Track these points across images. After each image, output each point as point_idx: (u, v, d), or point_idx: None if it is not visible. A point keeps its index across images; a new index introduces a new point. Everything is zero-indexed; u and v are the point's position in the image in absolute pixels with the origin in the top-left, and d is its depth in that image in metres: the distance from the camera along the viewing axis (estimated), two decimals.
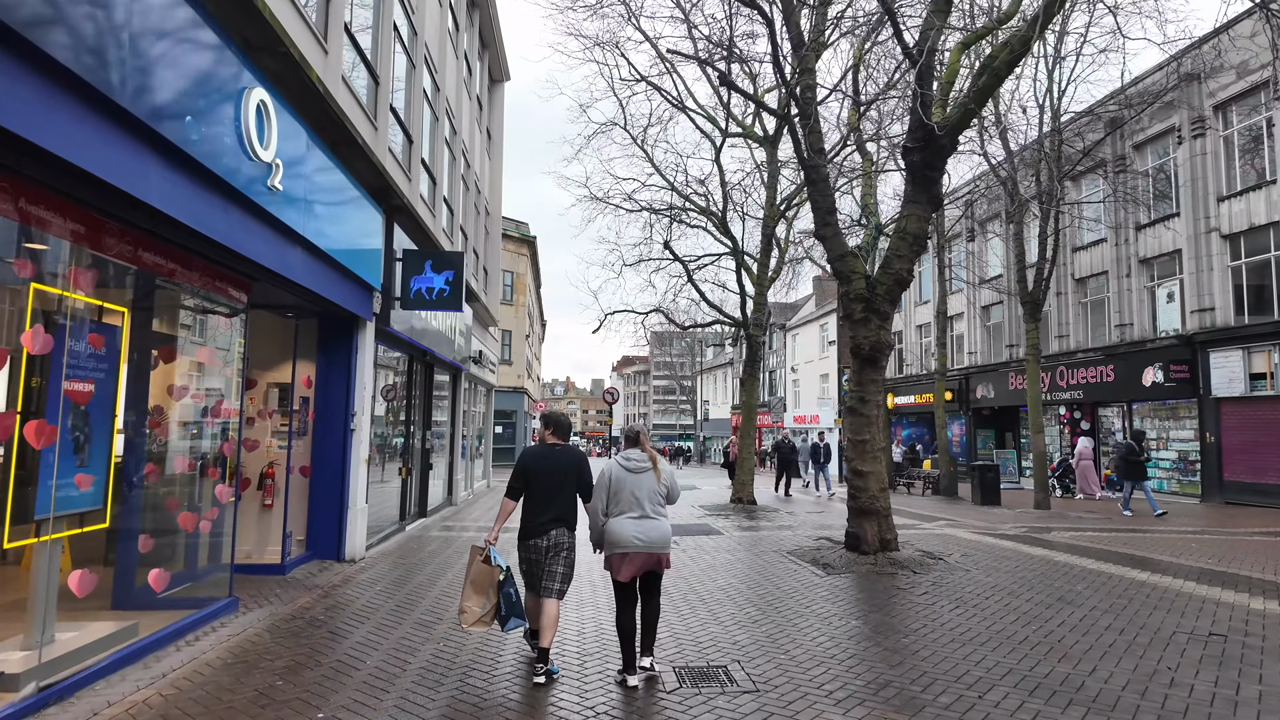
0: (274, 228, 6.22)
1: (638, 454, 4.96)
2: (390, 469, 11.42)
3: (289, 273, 6.58)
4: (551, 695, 4.57)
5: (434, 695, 4.54)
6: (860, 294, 8.99)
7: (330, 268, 7.72)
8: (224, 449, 6.28)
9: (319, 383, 8.87)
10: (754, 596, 7.38)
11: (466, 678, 4.88)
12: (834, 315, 40.26)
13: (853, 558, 8.91)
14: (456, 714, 4.22)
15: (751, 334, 16.51)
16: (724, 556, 9.76)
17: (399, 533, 11.38)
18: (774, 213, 16.12)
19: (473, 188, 17.41)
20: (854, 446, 9.20)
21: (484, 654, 5.46)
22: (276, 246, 6.30)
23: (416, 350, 12.12)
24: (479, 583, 4.92)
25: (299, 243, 6.78)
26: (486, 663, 5.22)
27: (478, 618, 4.88)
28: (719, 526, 13.03)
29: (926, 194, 8.64)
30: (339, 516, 8.80)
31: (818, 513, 15.52)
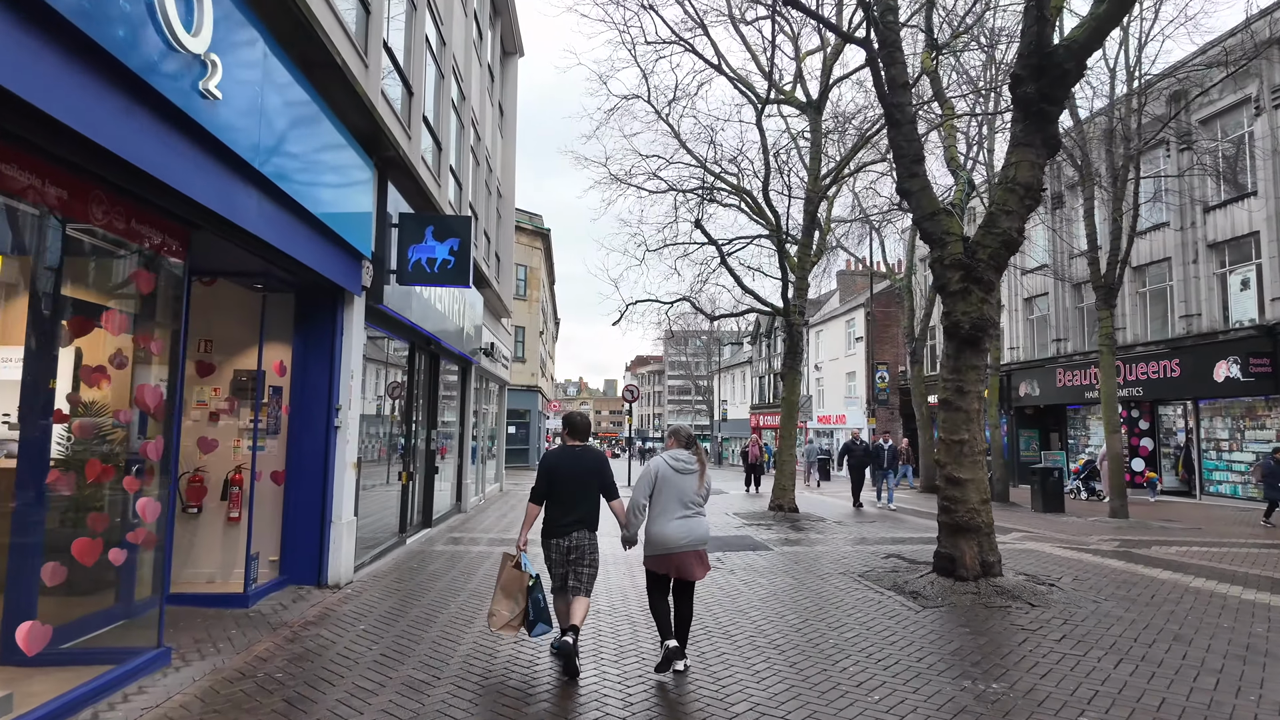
0: (212, 152, 4.65)
1: (686, 455, 5.00)
2: (389, 473, 9.84)
3: (239, 217, 5.00)
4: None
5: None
6: (957, 260, 7.32)
7: (301, 221, 6.14)
8: (146, 451, 4.70)
9: (295, 370, 7.30)
10: (840, 641, 5.73)
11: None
12: (861, 311, 38.40)
13: (948, 585, 7.24)
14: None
15: (793, 322, 14.84)
16: (783, 580, 8.11)
17: (398, 547, 9.81)
18: (818, 188, 14.45)
19: (483, 164, 15.85)
20: (948, 449, 7.51)
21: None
22: (218, 180, 4.73)
23: (419, 337, 10.55)
24: (509, 588, 5.03)
25: (253, 180, 5.21)
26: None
27: (506, 621, 4.98)
28: (763, 539, 11.37)
29: (1041, 134, 6.98)
30: (319, 532, 7.23)
31: (871, 524, 13.81)
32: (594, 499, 5.07)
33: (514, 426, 34.89)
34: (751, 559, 9.52)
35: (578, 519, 4.99)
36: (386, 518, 9.71)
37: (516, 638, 5.61)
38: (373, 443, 9.27)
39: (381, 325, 8.75)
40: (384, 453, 9.78)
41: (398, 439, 10.14)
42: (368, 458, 9.03)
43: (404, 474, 10.20)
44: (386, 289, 8.14)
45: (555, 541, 5.00)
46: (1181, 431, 22.11)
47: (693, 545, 4.85)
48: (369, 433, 9.00)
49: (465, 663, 5.11)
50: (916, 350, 23.28)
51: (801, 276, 14.84)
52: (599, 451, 5.37)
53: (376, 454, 9.45)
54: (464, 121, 13.50)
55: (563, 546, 4.97)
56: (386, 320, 8.74)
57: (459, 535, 11.51)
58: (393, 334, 9.39)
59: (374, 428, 9.27)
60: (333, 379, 7.35)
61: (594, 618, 6.44)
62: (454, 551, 9.88)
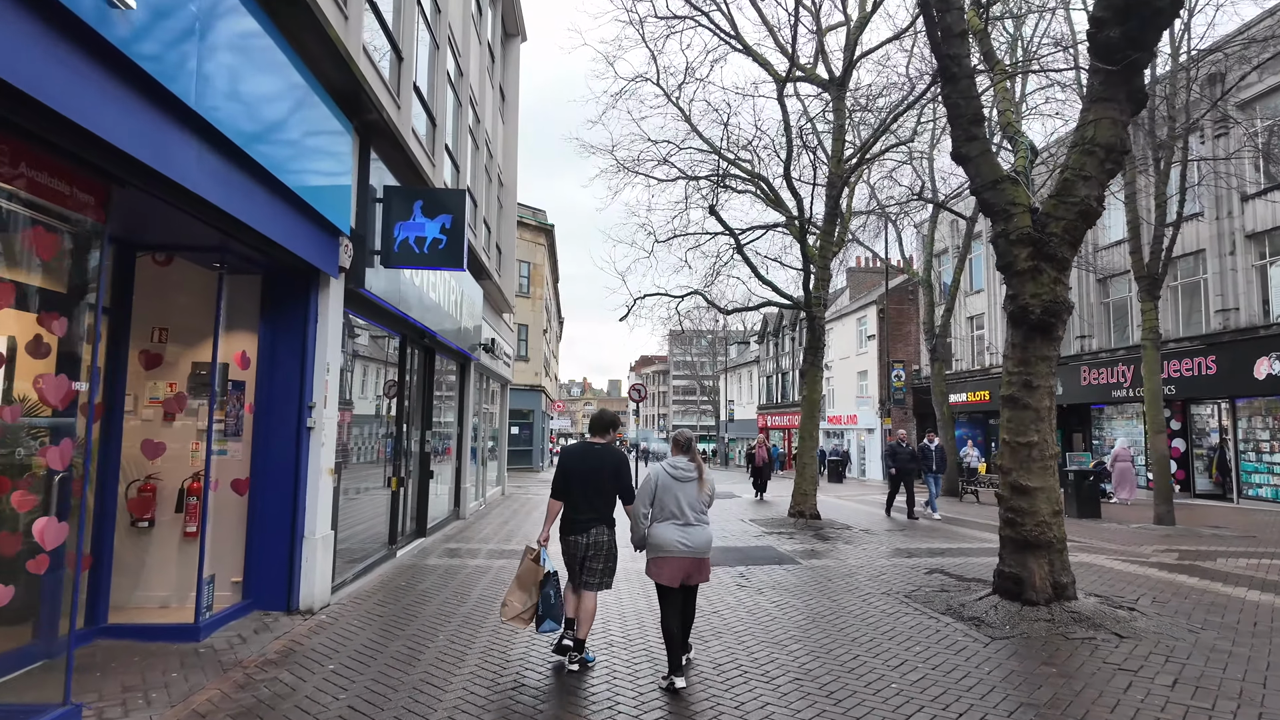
0: (134, 84, 3.69)
1: (684, 462, 4.94)
2: (375, 476, 8.89)
3: (174, 171, 4.05)
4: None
5: None
6: (1024, 234, 6.32)
7: (261, 185, 5.19)
8: (47, 457, 3.74)
9: (262, 362, 6.35)
10: (904, 685, 4.75)
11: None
12: (873, 309, 37.39)
13: (1014, 610, 6.25)
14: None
15: (814, 314, 13.84)
16: (820, 602, 7.13)
17: (387, 560, 8.86)
18: (841, 170, 13.44)
19: (483, 148, 14.90)
20: (1013, 452, 6.52)
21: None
22: (141, 120, 3.78)
23: (411, 329, 9.60)
24: (524, 580, 5.05)
25: (193, 126, 4.26)
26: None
27: (517, 613, 4.99)
28: (787, 550, 10.39)
29: (1126, 86, 6.00)
30: (289, 549, 6.27)
31: (901, 533, 12.81)
32: (610, 497, 5.08)
33: (517, 427, 33.96)
34: (779, 575, 8.54)
35: (594, 516, 5.02)
36: (374, 528, 8.76)
37: (529, 632, 5.58)
38: (359, 445, 8.32)
39: (364, 313, 7.79)
40: (382, 454, 8.83)
41: (387, 440, 9.18)
42: (354, 461, 8.09)
43: (393, 479, 9.25)
44: (369, 272, 7.18)
45: (574, 539, 5.02)
46: (1215, 432, 21.08)
47: (692, 554, 4.79)
48: (355, 433, 8.05)
49: (451, 717, 4.15)
50: (937, 347, 22.25)
51: (823, 266, 13.84)
52: (619, 451, 5.30)
53: (375, 455, 8.51)
54: (461, 100, 12.55)
55: (581, 543, 5.00)
56: (370, 307, 7.79)
57: (456, 546, 10.55)
58: (378, 323, 8.44)
59: (361, 428, 8.33)
60: (305, 373, 6.40)
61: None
62: (449, 566, 8.92)
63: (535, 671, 5.00)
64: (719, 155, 15.51)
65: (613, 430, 5.43)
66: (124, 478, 5.98)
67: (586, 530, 5.00)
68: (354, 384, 8.13)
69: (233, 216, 4.87)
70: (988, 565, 9.16)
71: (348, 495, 7.73)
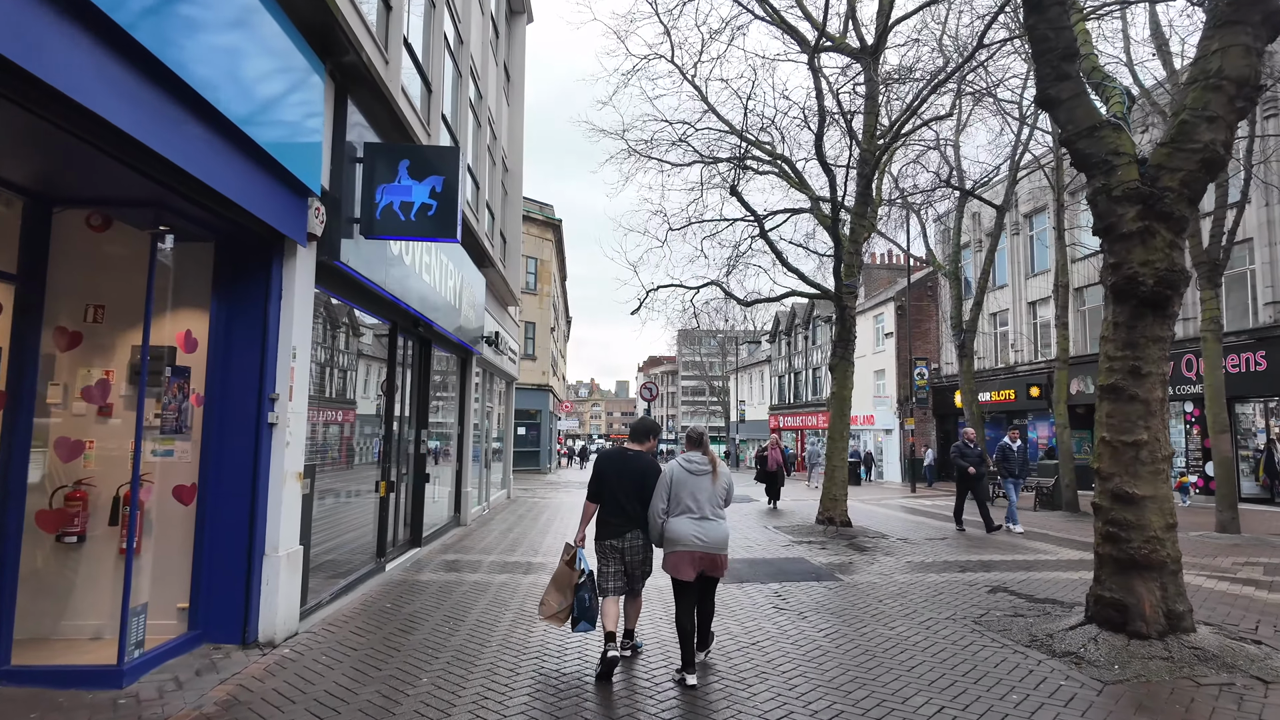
0: None
1: (699, 456, 5.03)
2: (361, 480, 7.86)
3: (49, 71, 3.02)
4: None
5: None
6: (1132, 189, 5.23)
7: (202, 121, 4.16)
8: None
9: (215, 346, 5.32)
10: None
11: None
12: (890, 305, 36.19)
13: (1119, 644, 5.15)
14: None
15: (845, 304, 12.74)
16: (875, 630, 6.04)
17: (374, 576, 7.83)
18: (874, 147, 12.34)
19: (486, 126, 13.88)
20: (1114, 455, 5.41)
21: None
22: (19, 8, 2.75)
23: (401, 314, 8.58)
24: (559, 581, 5.13)
25: (86, 19, 3.22)
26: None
27: (554, 613, 5.07)
28: (822, 563, 9.30)
29: (1260, 7, 4.92)
30: (245, 570, 5.23)
31: (941, 542, 11.69)
32: (643, 502, 5.08)
33: (523, 428, 32.94)
34: (820, 594, 7.46)
35: (628, 520, 5.06)
36: (359, 539, 7.73)
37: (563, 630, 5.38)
38: (342, 445, 7.30)
39: (344, 292, 6.75)
40: (371, 454, 7.80)
41: (375, 440, 8.14)
42: (337, 462, 7.07)
43: (382, 484, 8.21)
44: (347, 244, 6.14)
45: (610, 543, 5.08)
46: (1263, 432, 19.87)
47: (708, 549, 4.83)
48: (337, 432, 7.02)
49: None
50: (966, 342, 21.10)
51: (855, 251, 12.75)
52: (650, 458, 5.31)
53: (362, 456, 7.49)
54: (462, 70, 11.54)
55: (617, 548, 5.06)
56: (350, 286, 6.75)
57: (455, 558, 9.50)
58: (363, 307, 7.40)
59: (345, 426, 7.30)
60: (267, 359, 5.36)
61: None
62: (443, 583, 7.87)
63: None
64: (739, 136, 14.43)
65: (653, 437, 5.46)
66: (48, 483, 4.98)
67: (622, 535, 5.06)
68: (336, 377, 7.11)
69: (161, 157, 3.84)
70: (1055, 582, 8.06)
71: (325, 502, 6.70)
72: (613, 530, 5.06)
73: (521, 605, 6.83)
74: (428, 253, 8.75)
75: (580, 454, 50.77)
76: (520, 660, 5.17)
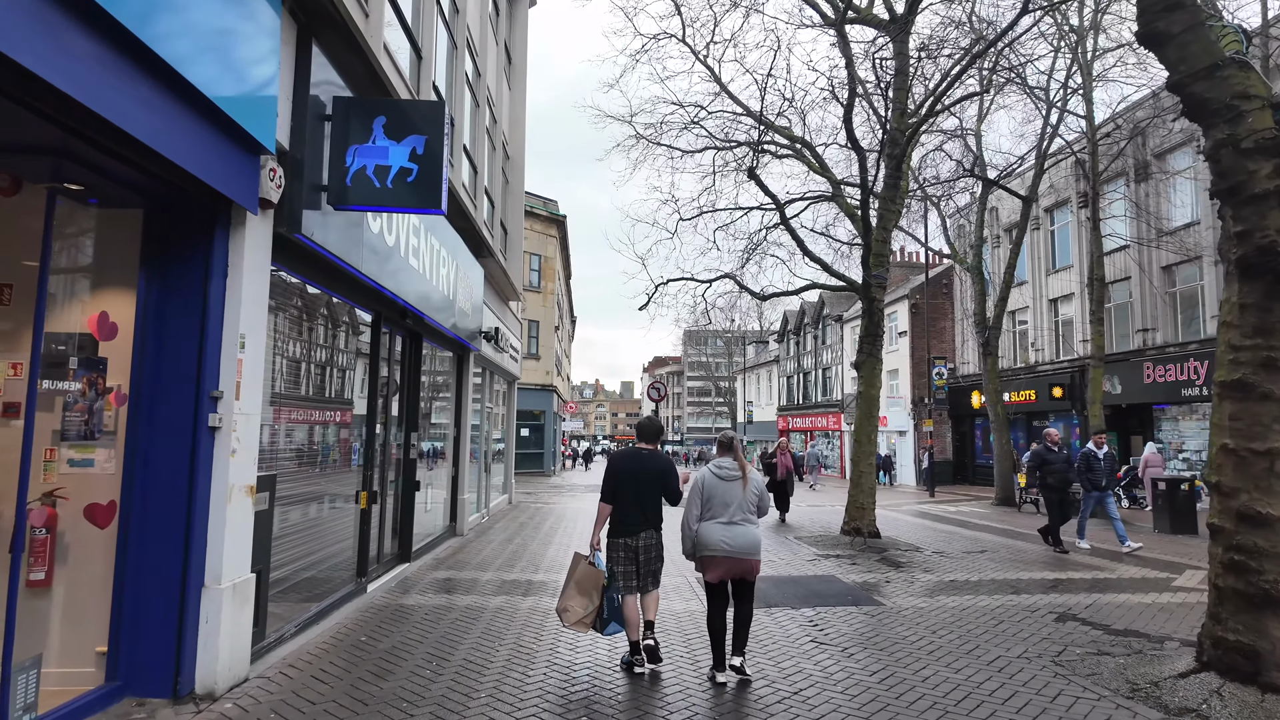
0: None
1: (729, 462, 5.04)
2: (338, 489, 6.92)
3: None
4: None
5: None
6: (1268, 140, 4.27)
7: (112, 46, 3.22)
8: None
9: (141, 334, 4.38)
10: None
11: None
12: (903, 304, 35.14)
13: (1250, 700, 4.18)
14: None
15: (874, 295, 11.76)
16: (934, 672, 5.08)
17: (353, 599, 6.89)
18: (904, 125, 11.38)
19: (484, 107, 12.95)
20: (1242, 466, 4.44)
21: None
22: None
23: (386, 304, 7.64)
24: (584, 584, 5.04)
25: None
26: None
27: (579, 618, 4.98)
28: (855, 581, 8.34)
29: None
30: (179, 606, 4.29)
31: (982, 555, 10.69)
32: (657, 500, 5.19)
33: (527, 429, 32.00)
34: (861, 623, 6.49)
35: (644, 519, 5.11)
36: (336, 558, 6.79)
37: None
38: (314, 450, 6.36)
39: (308, 272, 5.80)
40: (346, 458, 6.87)
41: (351, 442, 7.20)
42: (308, 471, 6.13)
43: (363, 494, 7.27)
44: (314, 216, 5.19)
45: (624, 541, 5.11)
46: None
47: (740, 553, 4.85)
48: (306, 436, 6.09)
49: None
50: (990, 340, 20.08)
51: (884, 239, 11.77)
52: (665, 457, 5.40)
53: (339, 462, 6.55)
54: (457, 41, 10.61)
55: (632, 546, 5.10)
56: (316, 265, 5.80)
57: (447, 575, 8.55)
58: (333, 290, 6.44)
59: (318, 429, 6.36)
60: (206, 348, 4.42)
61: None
62: (432, 607, 6.92)
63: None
64: (755, 119, 13.46)
65: (660, 437, 5.50)
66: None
67: (637, 534, 5.10)
68: (313, 373, 6.17)
69: (52, 87, 2.91)
70: (1128, 608, 7.06)
71: (290, 518, 5.76)
72: (628, 529, 5.10)
73: (519, 637, 5.88)
74: (415, 235, 7.82)
75: (585, 456, 49.83)
76: (517, 715, 4.22)
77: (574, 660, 5.32)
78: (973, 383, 31.15)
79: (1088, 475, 11.05)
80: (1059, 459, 11.10)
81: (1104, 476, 11.09)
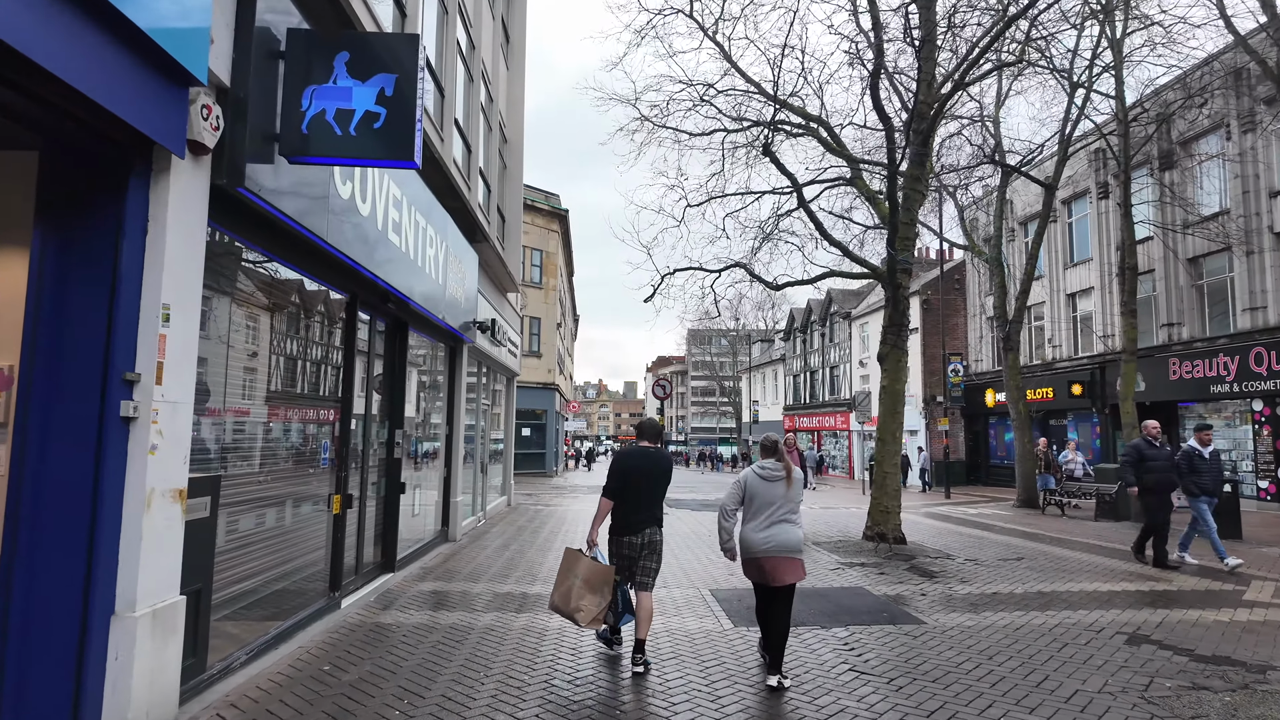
0: None
1: (773, 463, 5.05)
2: (308, 491, 6.09)
3: None
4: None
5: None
6: None
7: None
8: None
9: (34, 303, 3.55)
10: None
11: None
12: (914, 300, 34.20)
13: None
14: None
15: (900, 282, 10.91)
16: (1005, 712, 4.22)
17: (324, 616, 6.07)
18: (933, 95, 10.52)
19: (479, 82, 12.14)
20: None
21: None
22: None
23: (363, 284, 6.82)
24: (593, 581, 4.99)
25: None
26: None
27: (594, 616, 4.94)
28: (887, 594, 7.49)
29: None
30: (78, 639, 3.46)
31: (1019, 562, 9.83)
32: (662, 498, 5.30)
33: (528, 428, 31.20)
34: (904, 646, 5.64)
35: (648, 516, 5.19)
36: (302, 571, 5.96)
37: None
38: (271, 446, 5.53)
39: (259, 239, 4.96)
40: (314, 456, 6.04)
41: (322, 440, 6.36)
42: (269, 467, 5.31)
43: (336, 497, 6.45)
44: (260, 168, 4.35)
45: (628, 539, 5.16)
46: None
47: (780, 551, 4.87)
48: (263, 430, 5.25)
49: None
50: (1011, 335, 19.20)
51: (910, 221, 10.92)
52: (669, 455, 5.61)
53: (307, 460, 5.72)
54: (449, 7, 9.78)
55: (635, 543, 5.14)
56: (270, 230, 4.95)
57: (434, 587, 7.72)
58: (293, 263, 5.60)
59: (279, 424, 5.53)
60: (116, 320, 3.59)
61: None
62: (413, 626, 6.09)
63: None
64: (767, 97, 12.61)
65: (661, 435, 5.55)
66: None
67: (640, 530, 5.15)
68: (273, 360, 5.34)
69: None
70: (1205, 626, 6.15)
71: (240, 527, 4.93)
72: (633, 527, 5.14)
73: (509, 666, 5.05)
74: (397, 209, 7.00)
75: (587, 456, 49.01)
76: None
77: (573, 699, 4.48)
78: (986, 381, 30.25)
79: (1192, 478, 9.34)
80: (1161, 456, 9.47)
81: (1210, 479, 9.36)
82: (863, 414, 25.59)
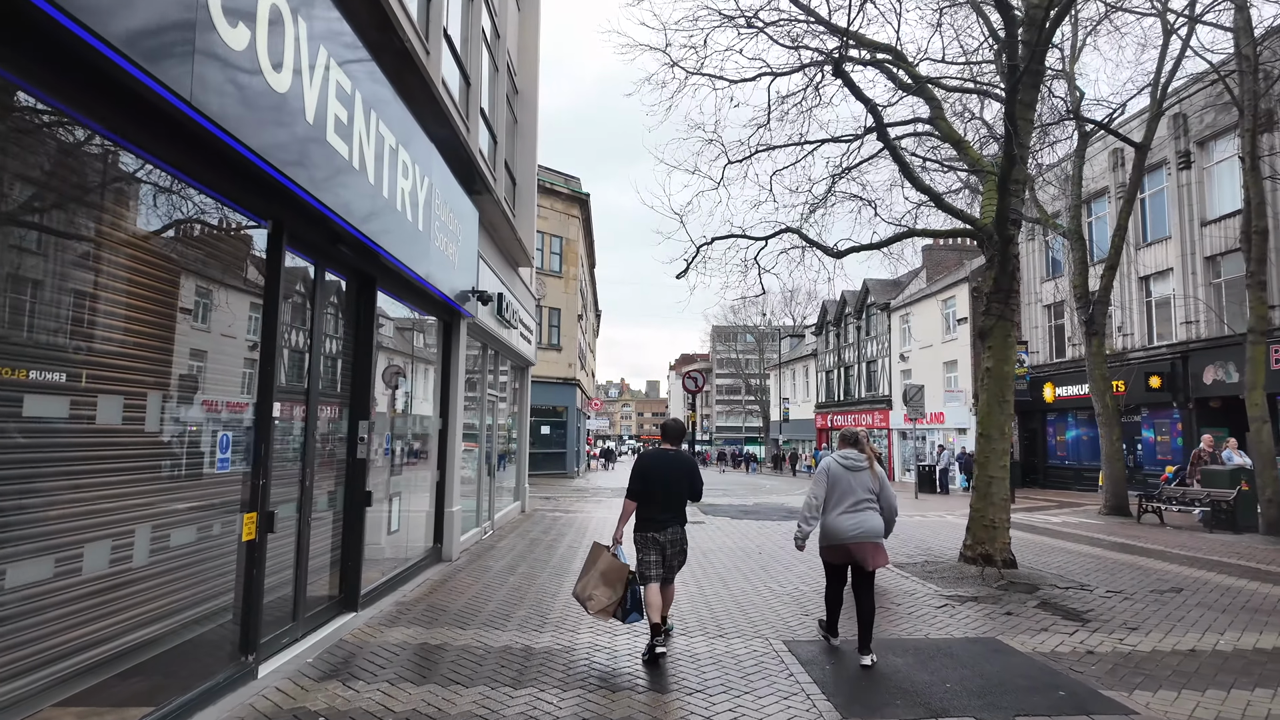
0: None
1: (855, 453, 5.38)
2: (193, 501, 4.02)
3: None
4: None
5: None
6: None
7: None
8: None
9: None
10: None
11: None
12: (963, 287, 31.65)
13: None
14: None
15: (1010, 234, 8.59)
16: None
17: (225, 694, 4.03)
18: None
19: (481, 4, 10.05)
20: None
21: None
22: None
23: (298, 209, 4.74)
24: (609, 576, 5.23)
25: None
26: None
27: (603, 607, 5.15)
28: (1037, 649, 5.27)
29: None
30: None
31: (1178, 594, 7.52)
32: (684, 497, 5.46)
33: (547, 426, 29.12)
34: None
35: (673, 515, 5.38)
36: (189, 631, 3.89)
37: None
38: (142, 441, 3.46)
39: (78, 100, 2.86)
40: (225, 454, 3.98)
41: (218, 434, 4.27)
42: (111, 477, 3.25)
43: (248, 516, 4.37)
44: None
45: (652, 536, 5.33)
46: None
47: (865, 537, 5.11)
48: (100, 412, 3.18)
49: None
50: (1095, 316, 16.75)
51: (1023, 157, 8.59)
52: (690, 457, 5.75)
53: (203, 461, 3.67)
54: None
55: (660, 540, 5.32)
56: (93, 74, 2.84)
57: (407, 635, 5.62)
58: (151, 153, 3.51)
59: (106, 400, 3.46)
60: None
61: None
62: (357, 712, 3.98)
63: None
64: (828, 27, 10.36)
65: (684, 437, 5.77)
66: None
67: (665, 528, 5.32)
68: (122, 306, 3.27)
69: None
70: None
71: (86, 561, 2.85)
72: (656, 525, 5.32)
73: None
74: (344, 103, 4.90)
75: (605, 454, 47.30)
76: None
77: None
78: (1045, 374, 27.63)
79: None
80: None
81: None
82: (915, 409, 23.16)
